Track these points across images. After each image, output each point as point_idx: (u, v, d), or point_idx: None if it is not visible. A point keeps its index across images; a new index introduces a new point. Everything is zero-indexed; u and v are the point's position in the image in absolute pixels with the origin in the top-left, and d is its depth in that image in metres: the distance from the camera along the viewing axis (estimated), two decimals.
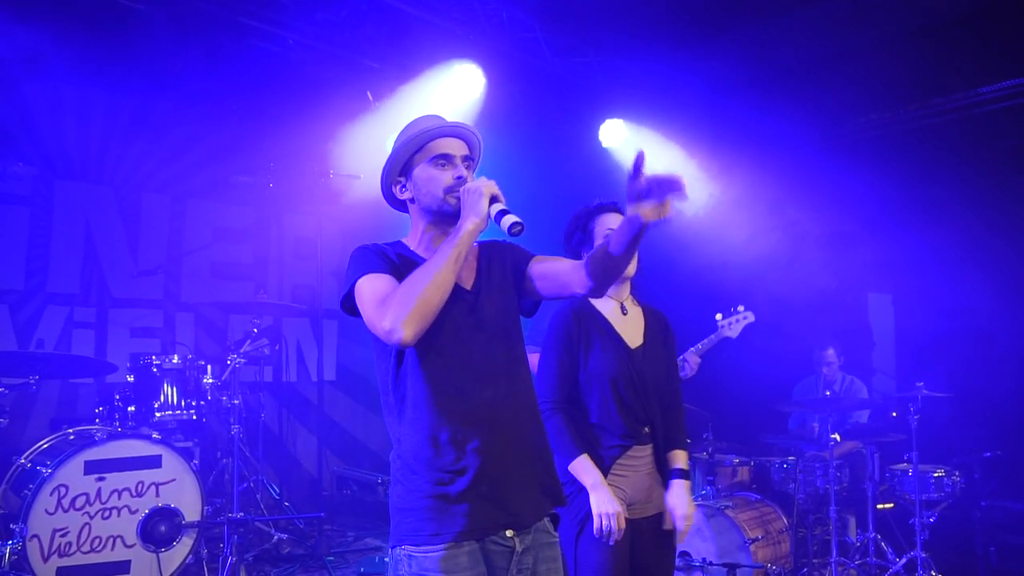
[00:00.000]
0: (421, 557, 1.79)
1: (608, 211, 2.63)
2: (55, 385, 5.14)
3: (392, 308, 1.71)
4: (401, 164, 1.96)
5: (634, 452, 2.56)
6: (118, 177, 5.61)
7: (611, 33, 5.92)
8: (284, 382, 6.32)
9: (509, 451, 1.89)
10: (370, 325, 1.78)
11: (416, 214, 1.98)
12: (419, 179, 1.93)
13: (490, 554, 1.84)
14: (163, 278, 5.78)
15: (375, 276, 1.84)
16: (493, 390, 1.89)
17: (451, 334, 1.88)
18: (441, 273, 1.75)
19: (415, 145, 1.94)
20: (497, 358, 1.93)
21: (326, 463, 6.23)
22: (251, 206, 6.22)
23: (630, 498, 2.54)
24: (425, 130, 1.94)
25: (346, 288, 1.88)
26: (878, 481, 4.73)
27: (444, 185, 1.91)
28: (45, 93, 5.13)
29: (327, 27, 5.35)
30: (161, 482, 3.88)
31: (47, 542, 3.57)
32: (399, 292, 1.74)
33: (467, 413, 1.86)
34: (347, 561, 4.51)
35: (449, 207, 1.91)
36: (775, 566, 4.37)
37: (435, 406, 1.84)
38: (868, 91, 5.85)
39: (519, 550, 1.87)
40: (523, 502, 1.90)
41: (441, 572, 1.77)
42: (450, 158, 1.94)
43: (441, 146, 1.94)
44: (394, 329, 1.69)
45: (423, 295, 1.72)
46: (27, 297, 5.21)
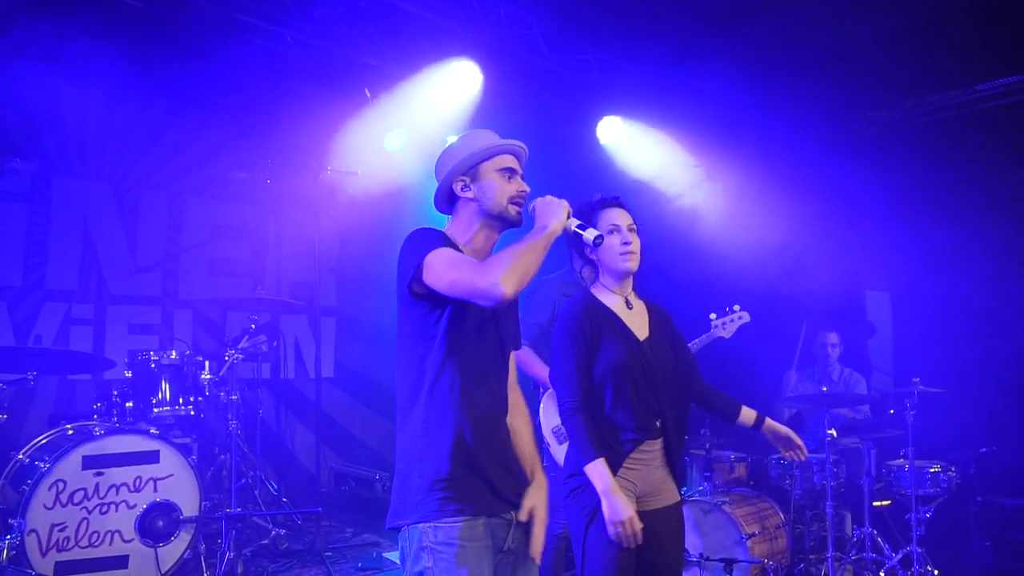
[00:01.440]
0: (446, 528, 2.02)
1: (610, 206, 2.63)
2: (53, 381, 5.15)
3: (495, 268, 1.93)
4: (467, 167, 2.20)
5: (646, 446, 2.56)
6: (116, 174, 5.62)
7: (609, 29, 5.92)
8: (282, 379, 6.33)
9: (509, 442, 2.22)
10: (464, 285, 1.97)
11: (470, 212, 2.21)
12: (486, 184, 2.19)
13: (495, 527, 2.11)
14: (161, 275, 5.79)
15: (448, 250, 2.06)
16: (501, 388, 2.21)
17: (482, 335, 2.15)
18: (537, 251, 2.02)
19: (486, 154, 2.21)
20: (504, 360, 2.24)
21: (324, 460, 6.25)
22: (249, 203, 6.22)
23: (640, 491, 2.55)
24: (498, 144, 2.23)
25: (415, 264, 2.05)
26: (875, 477, 4.74)
27: (509, 194, 2.18)
28: (43, 90, 5.13)
29: (324, 24, 5.36)
30: (159, 477, 3.89)
31: (45, 537, 3.58)
32: (503, 257, 1.96)
33: (490, 407, 2.15)
34: (345, 557, 4.52)
35: (509, 213, 2.18)
36: (772, 561, 4.38)
37: (466, 398, 2.08)
38: (866, 89, 5.86)
39: (514, 523, 2.16)
40: (518, 486, 2.21)
41: (463, 540, 2.02)
42: (515, 172, 2.22)
43: (507, 160, 2.22)
44: (496, 284, 1.90)
45: (524, 262, 1.96)
46: (25, 294, 5.22)
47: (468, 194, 2.20)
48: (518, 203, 2.19)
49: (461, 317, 2.09)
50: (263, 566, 4.25)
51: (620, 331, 2.58)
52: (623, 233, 2.57)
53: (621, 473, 2.50)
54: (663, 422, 2.59)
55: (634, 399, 2.52)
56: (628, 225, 2.60)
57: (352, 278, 6.86)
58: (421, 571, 2.02)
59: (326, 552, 4.39)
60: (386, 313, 7.21)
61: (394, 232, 7.65)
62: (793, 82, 5.83)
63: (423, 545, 2.02)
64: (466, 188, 2.21)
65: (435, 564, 2.00)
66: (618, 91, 6.30)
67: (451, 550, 2.00)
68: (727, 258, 6.07)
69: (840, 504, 4.84)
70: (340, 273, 6.84)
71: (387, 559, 4.44)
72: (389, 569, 4.32)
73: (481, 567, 2.04)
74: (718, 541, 4.40)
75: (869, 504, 4.61)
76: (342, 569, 4.27)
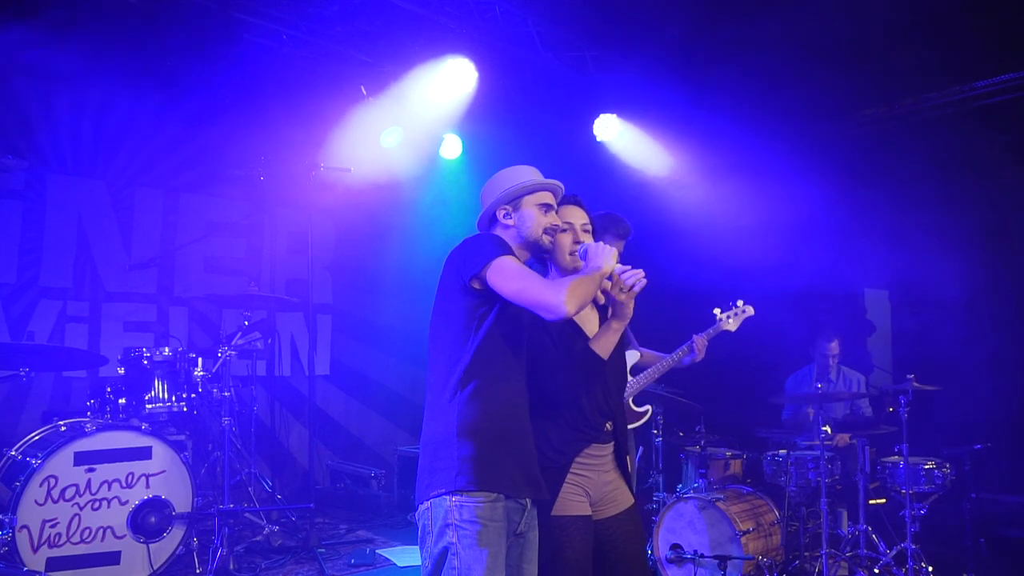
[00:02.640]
0: (471, 506, 2.19)
1: (567, 203, 2.61)
2: (48, 379, 5.16)
3: (569, 291, 2.20)
4: (511, 197, 2.47)
5: (594, 450, 2.52)
6: (111, 171, 5.62)
7: (604, 27, 5.93)
8: (277, 376, 6.33)
9: (531, 435, 2.40)
10: (533, 295, 2.23)
11: (509, 236, 2.47)
12: (526, 214, 2.46)
13: (511, 510, 2.28)
14: (156, 272, 5.79)
15: (516, 259, 2.33)
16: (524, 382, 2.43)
17: (517, 337, 2.40)
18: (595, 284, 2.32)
19: (530, 189, 2.47)
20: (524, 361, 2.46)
21: (319, 457, 6.25)
22: (244, 200, 6.22)
23: (593, 499, 2.52)
24: (541, 182, 2.50)
25: (482, 262, 2.28)
26: (869, 474, 4.74)
27: (544, 225, 2.46)
28: (38, 88, 5.14)
29: (319, 22, 5.37)
30: (151, 473, 3.89)
31: (37, 533, 3.58)
32: (575, 284, 2.24)
33: (520, 401, 2.38)
34: (338, 553, 4.51)
35: (543, 242, 2.47)
36: (766, 558, 4.38)
37: (501, 389, 2.31)
38: (862, 87, 5.86)
39: (528, 509, 2.33)
40: (535, 477, 2.37)
41: (486, 519, 2.19)
42: (552, 207, 2.50)
43: (547, 197, 2.50)
44: (564, 302, 2.18)
45: (586, 290, 2.26)
46: (20, 291, 5.23)
47: (509, 221, 2.48)
48: (551, 234, 2.48)
49: (505, 318, 2.34)
50: (256, 562, 4.25)
51: (571, 326, 2.56)
52: (576, 232, 2.58)
53: (570, 478, 2.46)
54: (614, 426, 2.57)
55: (585, 401, 2.50)
56: (582, 225, 2.60)
57: (348, 276, 6.87)
58: (445, 547, 2.18)
59: (319, 548, 4.39)
60: (382, 311, 7.24)
61: (389, 230, 7.69)
62: (789, 80, 5.82)
63: (448, 522, 2.18)
64: (508, 216, 2.48)
65: (459, 540, 2.17)
66: (614, 89, 6.30)
67: (475, 528, 2.17)
68: (724, 256, 6.06)
69: (835, 501, 4.85)
70: (336, 270, 6.84)
71: (380, 555, 4.43)
72: (382, 565, 4.31)
73: (500, 546, 2.22)
74: (713, 538, 4.40)
75: (864, 501, 4.61)
76: (335, 565, 4.27)
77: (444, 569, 2.18)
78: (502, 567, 2.22)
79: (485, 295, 2.30)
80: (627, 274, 2.40)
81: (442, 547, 2.18)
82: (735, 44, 5.48)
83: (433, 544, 2.21)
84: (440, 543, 2.19)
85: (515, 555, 2.32)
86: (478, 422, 2.25)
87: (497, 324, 2.32)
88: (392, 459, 6.35)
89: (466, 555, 2.16)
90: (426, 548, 2.24)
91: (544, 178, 2.53)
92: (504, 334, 2.34)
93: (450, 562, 2.17)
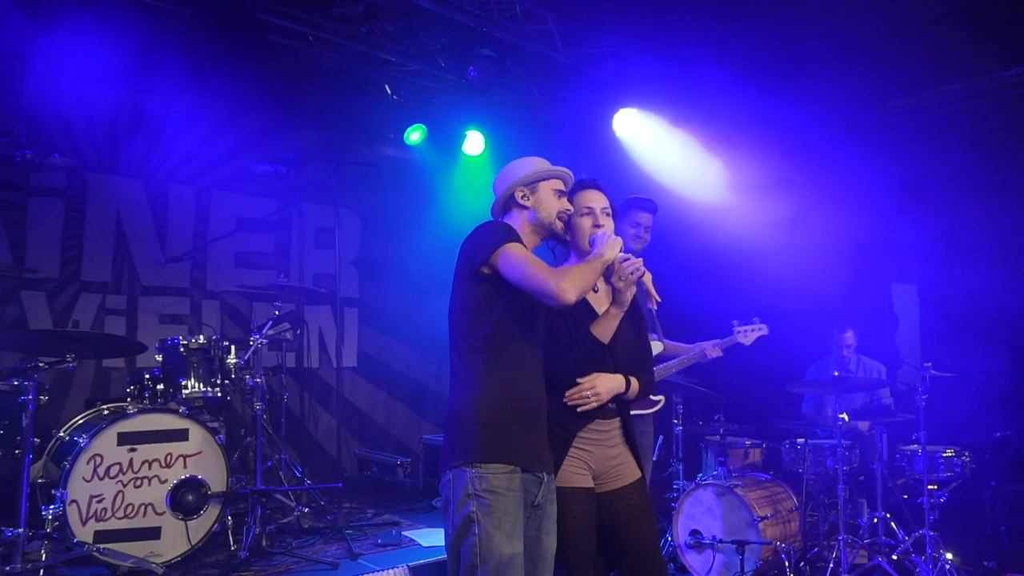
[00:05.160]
0: (491, 476, 2.32)
1: (586, 187, 2.70)
2: (90, 368, 5.38)
3: (568, 279, 2.33)
4: (529, 181, 2.62)
5: (598, 425, 2.59)
6: (147, 170, 5.83)
7: (623, 23, 6.00)
8: (306, 367, 6.51)
9: (545, 413, 2.51)
10: (536, 282, 2.34)
11: (522, 218, 2.62)
12: (542, 197, 2.61)
13: (528, 482, 2.41)
14: (189, 266, 5.99)
15: (523, 246, 2.46)
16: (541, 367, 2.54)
17: (532, 320, 2.52)
18: (595, 273, 2.46)
19: (547, 175, 2.63)
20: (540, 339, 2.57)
21: (347, 445, 6.42)
22: (272, 197, 6.41)
23: (596, 471, 2.59)
24: (556, 169, 2.65)
25: (491, 248, 2.41)
26: (887, 461, 4.78)
27: (558, 209, 2.61)
28: (78, 90, 5.34)
29: (344, 22, 5.51)
30: (188, 454, 4.07)
31: (85, 507, 3.78)
32: (575, 272, 2.40)
33: (536, 379, 2.50)
34: (365, 534, 4.66)
35: (555, 225, 2.61)
36: (784, 544, 4.44)
37: (517, 368, 2.44)
38: (886, 77, 5.82)
39: (545, 482, 2.45)
40: (548, 453, 2.50)
41: (505, 489, 2.33)
42: (564, 193, 2.65)
43: (559, 184, 2.65)
44: (566, 290, 2.31)
45: (586, 279, 2.40)
46: (62, 285, 5.45)
47: (527, 202, 2.62)
48: (563, 218, 2.62)
49: (517, 301, 2.45)
50: (287, 541, 4.41)
51: (583, 308, 2.63)
52: (595, 215, 2.65)
53: (573, 452, 2.54)
54: (618, 403, 2.64)
55: (583, 375, 2.56)
56: (602, 208, 2.67)
57: (374, 270, 7.03)
58: (466, 515, 2.31)
59: (347, 529, 4.53)
60: (407, 304, 7.40)
61: (414, 225, 7.82)
62: (811, 71, 5.80)
63: (469, 492, 2.32)
64: (525, 197, 2.62)
65: (479, 509, 2.30)
66: (633, 83, 6.36)
67: (494, 497, 2.30)
68: (745, 248, 6.09)
69: (854, 489, 4.88)
70: (362, 265, 7.01)
71: (405, 536, 4.57)
72: (407, 545, 4.45)
73: (518, 515, 2.35)
74: (731, 524, 4.47)
75: (883, 489, 4.64)
76: (362, 545, 4.41)
77: (465, 536, 2.30)
78: (520, 535, 2.35)
79: (495, 280, 2.42)
80: (627, 263, 2.50)
81: (463, 515, 2.31)
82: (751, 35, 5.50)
83: (455, 513, 2.34)
84: (461, 512, 2.32)
85: (534, 527, 2.43)
86: (495, 399, 2.39)
87: (509, 307, 2.44)
88: (417, 447, 6.50)
89: (486, 522, 2.28)
90: (448, 517, 2.37)
91: (555, 167, 2.67)
92: (517, 316, 2.46)
93: (471, 529, 2.29)
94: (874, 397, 5.34)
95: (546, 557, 2.44)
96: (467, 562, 2.29)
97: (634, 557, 2.57)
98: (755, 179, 6.31)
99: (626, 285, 2.52)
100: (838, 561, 4.31)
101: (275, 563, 4.06)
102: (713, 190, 6.53)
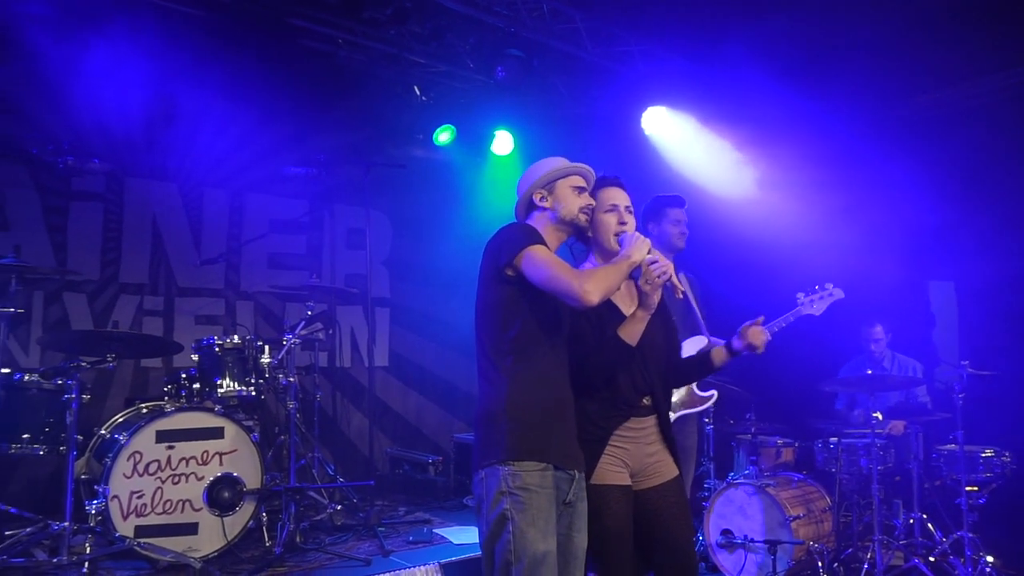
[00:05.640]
0: (523, 474, 2.34)
1: (609, 185, 2.68)
2: (129, 368, 5.51)
3: (592, 281, 2.34)
4: (546, 183, 2.63)
5: (633, 423, 2.59)
6: (181, 173, 5.96)
7: (651, 20, 5.97)
8: (338, 367, 6.60)
9: (573, 413, 2.52)
10: (560, 284, 2.35)
11: (544, 219, 2.62)
12: (561, 196, 2.60)
13: (559, 480, 2.42)
14: (224, 268, 6.10)
15: (546, 248, 2.47)
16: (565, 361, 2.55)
17: (558, 321, 2.53)
18: (621, 274, 2.45)
19: (563, 173, 2.63)
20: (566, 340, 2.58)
21: (379, 444, 6.50)
22: (304, 198, 6.51)
23: (633, 469, 2.58)
24: (571, 166, 2.64)
25: (515, 250, 2.42)
26: (923, 461, 4.70)
27: (580, 205, 2.59)
28: (116, 96, 5.48)
29: (372, 25, 5.57)
30: (224, 452, 4.15)
31: (126, 502, 3.89)
32: (600, 274, 2.40)
33: (563, 379, 2.51)
34: (397, 532, 4.71)
35: (579, 221, 2.59)
36: (817, 544, 4.39)
37: (545, 367, 2.46)
38: (920, 70, 5.71)
39: (576, 479, 2.46)
40: (578, 452, 2.51)
41: (537, 486, 2.35)
42: (584, 189, 2.64)
43: (578, 180, 2.64)
44: (589, 291, 2.31)
45: (610, 280, 2.40)
46: (102, 287, 5.59)
47: (546, 204, 2.62)
48: (587, 213, 2.60)
49: (542, 301, 2.46)
50: (320, 538, 4.48)
51: (609, 309, 2.62)
52: (619, 212, 2.63)
53: (608, 449, 2.54)
54: (653, 400, 2.63)
55: (621, 379, 2.56)
56: (625, 206, 2.65)
57: (405, 270, 7.10)
58: (500, 513, 2.33)
59: (379, 527, 4.59)
60: (438, 304, 7.45)
61: (444, 225, 7.86)
62: (843, 66, 5.73)
63: (503, 490, 2.34)
64: (544, 199, 2.62)
65: (512, 506, 2.32)
66: (662, 82, 6.33)
67: (527, 494, 2.33)
68: (778, 245, 6.03)
69: (889, 489, 4.81)
70: (393, 265, 7.08)
71: (437, 534, 4.61)
72: (438, 543, 4.49)
73: (551, 512, 2.37)
74: (763, 523, 4.44)
75: (919, 489, 4.57)
76: (394, 542, 4.46)
77: (500, 534, 2.32)
78: (553, 532, 2.36)
79: (520, 282, 2.43)
80: (655, 265, 2.47)
81: (497, 513, 2.33)
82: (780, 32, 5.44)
83: (488, 511, 2.36)
84: (495, 510, 2.33)
85: (565, 524, 2.44)
86: (524, 398, 2.40)
87: (534, 308, 2.45)
88: (448, 446, 6.55)
89: (520, 520, 2.30)
90: (482, 515, 2.39)
91: (572, 163, 2.66)
92: (542, 316, 2.46)
93: (505, 527, 2.31)
94: (910, 396, 5.26)
95: (577, 555, 2.46)
96: (502, 559, 2.31)
97: (668, 555, 2.56)
98: (786, 177, 6.25)
99: (653, 288, 2.49)
100: (873, 562, 4.25)
101: (308, 559, 4.13)
102: (744, 188, 6.47)
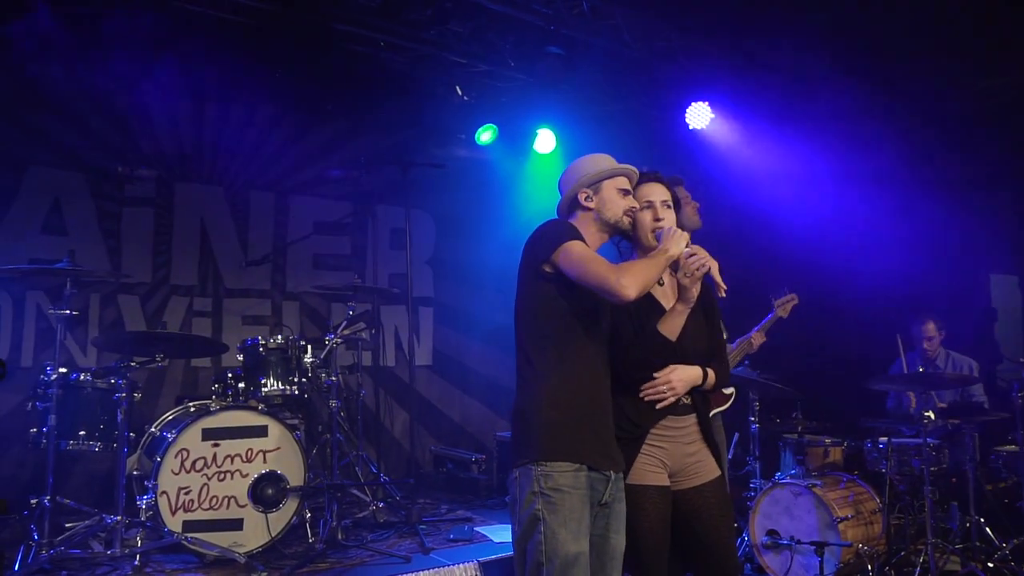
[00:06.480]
0: (557, 474, 2.32)
1: (647, 181, 2.66)
2: (179, 368, 5.69)
3: (628, 275, 2.33)
4: (591, 182, 2.60)
5: (671, 422, 2.55)
6: (228, 177, 6.11)
7: (693, 15, 5.89)
8: (382, 366, 6.68)
9: (610, 412, 2.50)
10: (597, 278, 2.34)
11: (588, 219, 2.60)
12: (607, 197, 2.58)
13: (595, 480, 2.40)
14: (270, 269, 6.24)
15: (584, 244, 2.45)
16: (607, 366, 2.54)
17: (597, 319, 2.51)
18: (659, 268, 2.45)
19: (609, 174, 2.60)
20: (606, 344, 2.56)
21: (422, 442, 6.55)
22: (348, 200, 6.61)
23: (672, 469, 2.55)
24: (619, 168, 2.63)
25: (552, 247, 2.42)
26: (980, 463, 4.53)
27: (624, 207, 2.58)
28: (164, 104, 5.66)
29: (414, 26, 5.61)
30: (268, 450, 4.24)
31: (174, 498, 4.01)
32: (636, 267, 2.39)
33: (602, 379, 2.49)
34: (438, 529, 4.75)
35: (622, 223, 2.58)
36: (866, 546, 4.27)
37: (583, 368, 2.44)
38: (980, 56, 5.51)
39: (612, 480, 2.43)
40: (615, 452, 2.48)
41: (571, 487, 2.33)
42: (629, 192, 2.62)
43: (624, 182, 2.62)
44: (626, 286, 2.30)
45: (648, 275, 2.39)
46: (154, 289, 5.78)
47: (590, 204, 2.60)
48: (630, 215, 2.58)
49: (580, 298, 2.44)
50: (362, 535, 4.54)
51: (649, 304, 2.60)
52: (656, 209, 2.61)
53: (646, 448, 2.52)
54: (692, 398, 2.59)
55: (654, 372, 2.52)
56: (662, 201, 2.63)
57: (448, 270, 7.15)
58: (532, 513, 2.31)
59: (420, 525, 4.63)
60: (481, 303, 7.49)
61: (486, 224, 7.89)
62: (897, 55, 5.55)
63: (535, 490, 2.32)
64: (589, 199, 2.60)
65: (545, 507, 2.30)
66: (704, 77, 6.24)
67: (560, 495, 2.30)
68: (828, 239, 5.90)
69: (943, 491, 4.65)
70: (437, 265, 7.13)
71: (477, 532, 4.63)
72: (479, 541, 4.51)
73: (584, 513, 2.34)
74: (810, 524, 4.34)
75: (975, 491, 4.41)
76: (435, 540, 4.49)
77: (532, 534, 2.31)
78: (586, 533, 2.34)
79: (558, 278, 2.42)
80: (693, 259, 2.46)
81: (529, 513, 2.32)
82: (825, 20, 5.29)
83: (520, 511, 2.35)
84: (528, 510, 2.32)
85: (601, 525, 2.42)
86: (560, 397, 2.38)
87: (573, 304, 2.44)
88: (491, 444, 6.56)
89: (551, 520, 2.29)
90: (515, 515, 2.38)
91: (619, 164, 2.63)
92: (581, 313, 2.45)
93: (537, 527, 2.29)
94: (965, 394, 5.07)
95: (614, 556, 2.43)
96: (533, 560, 2.30)
97: (709, 557, 2.53)
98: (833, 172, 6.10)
99: (692, 281, 2.47)
100: (926, 566, 4.11)
101: (350, 555, 4.19)
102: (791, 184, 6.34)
